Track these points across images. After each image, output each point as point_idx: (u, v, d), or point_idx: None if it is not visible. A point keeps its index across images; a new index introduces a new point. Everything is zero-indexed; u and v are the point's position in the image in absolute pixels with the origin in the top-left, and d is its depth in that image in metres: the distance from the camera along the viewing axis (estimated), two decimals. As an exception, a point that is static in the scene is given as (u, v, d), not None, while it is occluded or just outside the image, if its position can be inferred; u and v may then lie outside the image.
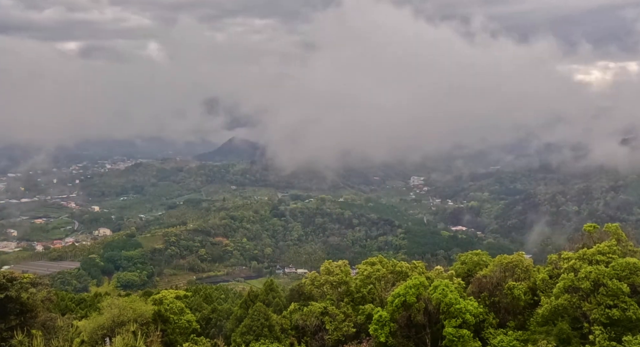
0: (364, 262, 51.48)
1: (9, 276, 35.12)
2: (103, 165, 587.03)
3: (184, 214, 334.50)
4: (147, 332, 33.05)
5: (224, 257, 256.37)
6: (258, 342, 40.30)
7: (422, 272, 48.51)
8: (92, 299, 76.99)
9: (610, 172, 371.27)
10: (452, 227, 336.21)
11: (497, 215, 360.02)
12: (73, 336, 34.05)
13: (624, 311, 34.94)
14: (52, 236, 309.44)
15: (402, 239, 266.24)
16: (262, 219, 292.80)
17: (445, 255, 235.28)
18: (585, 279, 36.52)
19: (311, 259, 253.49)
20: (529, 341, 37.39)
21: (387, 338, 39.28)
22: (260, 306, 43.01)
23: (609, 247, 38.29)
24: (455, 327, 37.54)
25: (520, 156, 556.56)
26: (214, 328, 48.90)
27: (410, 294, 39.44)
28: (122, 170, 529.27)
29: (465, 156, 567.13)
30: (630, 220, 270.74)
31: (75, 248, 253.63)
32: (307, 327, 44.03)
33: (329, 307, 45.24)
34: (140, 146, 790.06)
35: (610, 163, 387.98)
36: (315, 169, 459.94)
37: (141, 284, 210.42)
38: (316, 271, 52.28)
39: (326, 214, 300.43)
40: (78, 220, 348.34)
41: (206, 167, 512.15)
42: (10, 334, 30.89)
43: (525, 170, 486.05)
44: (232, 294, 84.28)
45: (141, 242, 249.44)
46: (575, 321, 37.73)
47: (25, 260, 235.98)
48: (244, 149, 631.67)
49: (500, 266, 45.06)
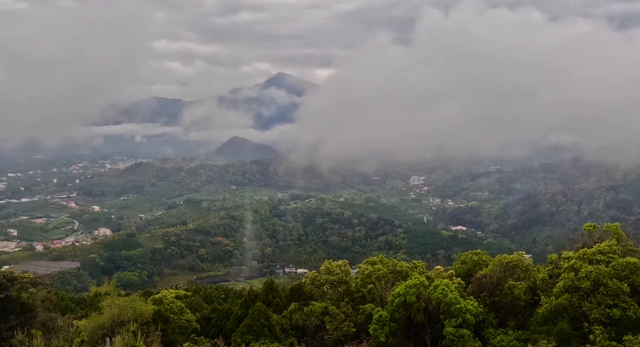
0: (365, 262, 51.49)
1: (9, 275, 35.13)
2: (103, 165, 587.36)
3: (184, 214, 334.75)
4: (147, 332, 33.04)
5: (224, 257, 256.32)
6: (258, 342, 40.28)
7: (422, 271, 48.49)
8: (92, 299, 77.08)
9: (610, 172, 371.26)
10: (452, 227, 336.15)
11: (497, 215, 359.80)
12: (73, 335, 34.05)
13: (624, 311, 34.93)
14: (52, 235, 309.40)
15: (402, 238, 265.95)
16: (262, 219, 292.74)
17: (445, 255, 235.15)
18: (586, 278, 36.51)
19: (311, 259, 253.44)
20: (529, 341, 37.38)
21: (387, 338, 39.28)
22: (260, 305, 43.00)
23: (609, 247, 38.28)
24: (455, 327, 37.53)
25: (520, 156, 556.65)
26: (214, 328, 48.87)
27: (410, 293, 39.44)
28: (122, 170, 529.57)
29: (465, 156, 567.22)
30: (630, 220, 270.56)
31: (75, 248, 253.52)
32: (307, 327, 44.02)
33: (329, 307, 45.23)
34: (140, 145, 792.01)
35: (611, 163, 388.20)
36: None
37: (141, 284, 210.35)
38: (316, 271, 52.29)
39: (326, 213, 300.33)
40: (78, 220, 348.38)
41: (206, 167, 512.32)
42: (10, 334, 30.90)
43: (525, 170, 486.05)
44: (232, 293, 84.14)
45: (141, 242, 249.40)
46: (575, 321, 37.72)
47: (25, 260, 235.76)
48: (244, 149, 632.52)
49: (500, 265, 45.05)
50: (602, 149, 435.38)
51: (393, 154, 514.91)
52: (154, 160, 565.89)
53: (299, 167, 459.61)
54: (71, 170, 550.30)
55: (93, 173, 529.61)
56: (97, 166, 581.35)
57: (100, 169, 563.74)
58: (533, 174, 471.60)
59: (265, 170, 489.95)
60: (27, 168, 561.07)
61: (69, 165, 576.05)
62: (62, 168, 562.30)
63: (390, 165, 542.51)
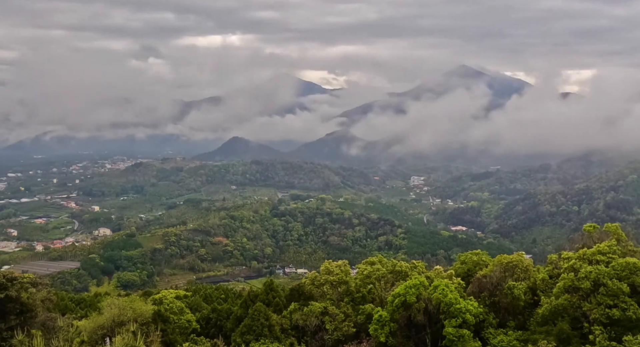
0: (364, 262, 51.47)
1: (9, 276, 35.09)
2: (103, 166, 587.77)
3: (184, 214, 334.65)
4: (147, 332, 32.96)
5: (224, 257, 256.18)
6: (258, 342, 40.28)
7: (422, 272, 48.46)
8: (92, 299, 77.16)
9: (610, 172, 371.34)
10: (452, 227, 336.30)
11: (497, 215, 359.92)
12: (73, 336, 34.02)
13: (624, 311, 34.92)
14: (52, 235, 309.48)
15: (402, 239, 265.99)
16: (262, 219, 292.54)
17: (445, 255, 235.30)
18: (586, 279, 36.50)
19: (311, 259, 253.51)
20: (529, 341, 37.36)
21: (387, 338, 39.27)
22: (260, 305, 42.99)
23: (609, 247, 38.28)
24: (455, 327, 37.52)
25: (521, 157, 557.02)
26: (213, 328, 48.88)
27: (410, 294, 39.43)
28: (122, 170, 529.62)
29: (465, 156, 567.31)
30: (630, 220, 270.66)
31: (75, 248, 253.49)
32: (307, 327, 44.01)
33: (329, 307, 45.21)
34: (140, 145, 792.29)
35: (610, 162, 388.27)
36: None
37: (141, 284, 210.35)
38: (316, 271, 52.23)
39: (326, 214, 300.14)
40: (78, 220, 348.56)
41: (206, 167, 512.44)
42: (10, 334, 30.87)
43: (525, 170, 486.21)
44: (232, 294, 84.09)
45: (141, 242, 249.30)
46: (575, 321, 37.71)
47: (25, 260, 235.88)
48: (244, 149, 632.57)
49: (500, 265, 45.04)
50: (603, 148, 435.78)
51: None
52: (154, 161, 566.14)
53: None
54: (71, 170, 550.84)
55: (93, 173, 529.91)
56: (97, 166, 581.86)
57: (100, 169, 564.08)
58: (533, 174, 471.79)
59: (265, 170, 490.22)
60: (27, 168, 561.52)
61: (69, 165, 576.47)
62: (62, 168, 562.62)
63: (391, 166, 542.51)
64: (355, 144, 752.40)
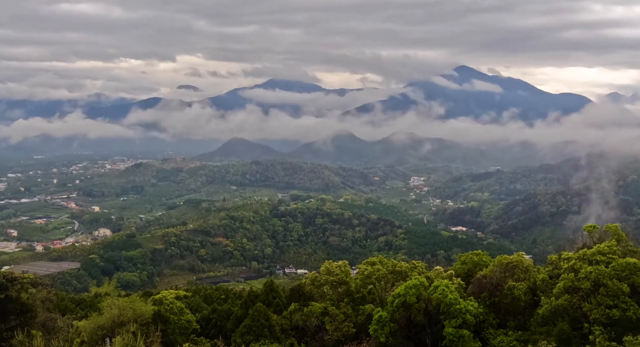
0: (364, 262, 51.45)
1: (9, 276, 35.14)
2: (103, 166, 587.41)
3: (184, 215, 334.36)
4: (147, 332, 32.99)
5: (224, 258, 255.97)
6: (258, 343, 40.28)
7: (422, 272, 48.45)
8: (92, 300, 77.23)
9: (610, 173, 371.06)
10: (452, 227, 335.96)
11: (497, 215, 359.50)
12: (73, 336, 34.05)
13: (624, 311, 34.91)
14: (52, 236, 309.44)
15: (402, 239, 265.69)
16: (262, 220, 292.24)
17: (446, 255, 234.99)
18: (586, 279, 36.50)
19: (311, 260, 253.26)
20: (529, 341, 37.36)
21: (387, 338, 39.26)
22: (261, 306, 42.99)
23: (609, 248, 38.27)
24: (455, 328, 37.53)
25: (520, 156, 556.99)
26: (214, 328, 48.91)
27: (410, 294, 39.42)
28: (122, 170, 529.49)
29: (465, 156, 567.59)
30: (630, 220, 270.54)
31: (75, 248, 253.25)
32: (307, 328, 44.01)
33: (329, 307, 45.22)
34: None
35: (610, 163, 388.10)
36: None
37: (141, 284, 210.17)
38: (316, 271, 52.28)
39: (326, 214, 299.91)
40: (78, 220, 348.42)
41: (206, 168, 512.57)
42: (11, 334, 30.91)
43: (525, 170, 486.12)
44: (232, 294, 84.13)
45: (141, 243, 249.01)
46: (575, 321, 37.71)
47: (25, 260, 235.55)
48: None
49: (501, 266, 45.03)
50: (603, 149, 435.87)
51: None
52: (154, 161, 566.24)
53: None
54: (71, 171, 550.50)
55: (93, 173, 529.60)
56: (97, 167, 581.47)
57: (100, 169, 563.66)
58: (533, 174, 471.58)
59: (265, 170, 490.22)
60: (27, 168, 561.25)
61: (69, 165, 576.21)
62: (62, 168, 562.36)
63: (390, 166, 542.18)
64: (356, 144, 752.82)
